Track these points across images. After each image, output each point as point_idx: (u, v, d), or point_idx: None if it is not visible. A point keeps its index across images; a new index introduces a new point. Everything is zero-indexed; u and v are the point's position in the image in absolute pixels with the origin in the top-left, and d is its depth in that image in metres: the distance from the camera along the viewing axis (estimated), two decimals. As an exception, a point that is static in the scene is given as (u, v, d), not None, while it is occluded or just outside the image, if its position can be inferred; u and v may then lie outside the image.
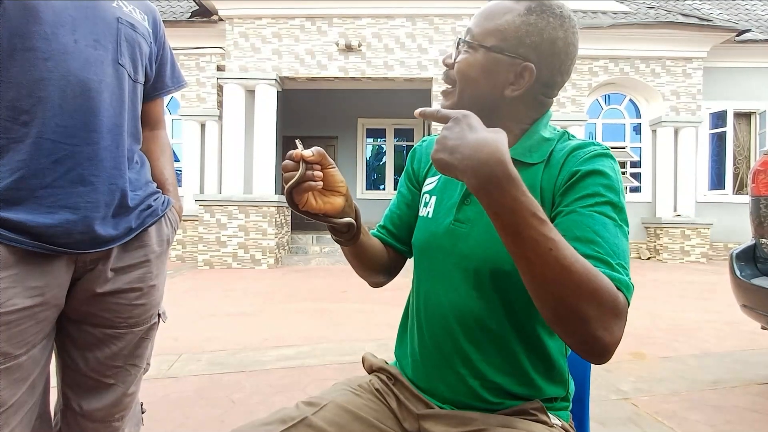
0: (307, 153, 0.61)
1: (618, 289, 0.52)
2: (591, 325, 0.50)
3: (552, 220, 0.61)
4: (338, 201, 0.67)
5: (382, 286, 0.87)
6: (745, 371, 2.39)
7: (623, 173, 7.96)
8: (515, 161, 0.69)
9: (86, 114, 0.79)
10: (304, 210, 0.65)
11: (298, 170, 0.61)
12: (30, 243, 0.75)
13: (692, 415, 1.88)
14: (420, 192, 0.84)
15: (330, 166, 0.65)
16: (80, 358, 0.89)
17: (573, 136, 0.72)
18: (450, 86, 0.72)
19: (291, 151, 0.62)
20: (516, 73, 0.67)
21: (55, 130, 0.76)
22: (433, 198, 0.78)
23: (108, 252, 0.86)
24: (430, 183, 0.81)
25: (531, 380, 0.69)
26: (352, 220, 0.69)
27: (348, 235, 0.71)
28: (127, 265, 0.89)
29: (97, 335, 0.89)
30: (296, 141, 0.64)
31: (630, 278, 0.56)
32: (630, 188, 8.07)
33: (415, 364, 0.76)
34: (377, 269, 0.82)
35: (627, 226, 0.61)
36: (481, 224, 0.69)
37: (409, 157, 0.90)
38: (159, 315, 1.00)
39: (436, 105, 6.33)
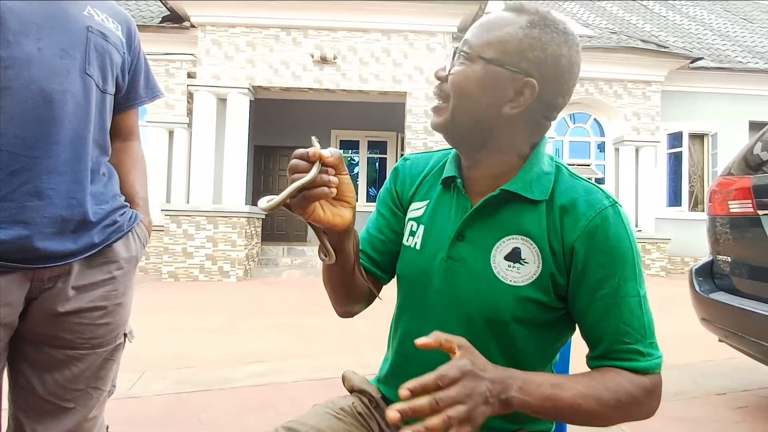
0: (326, 153, 0.53)
1: (652, 371, 0.61)
2: (635, 417, 0.62)
3: (574, 296, 0.64)
4: (347, 214, 0.59)
5: (352, 317, 0.79)
6: (705, 382, 2.49)
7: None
8: (517, 195, 0.64)
9: (47, 125, 0.75)
10: (309, 220, 0.56)
11: (309, 171, 0.53)
12: None
13: (655, 425, 1.92)
14: (404, 216, 0.77)
15: (344, 173, 0.57)
16: (37, 380, 0.83)
17: (566, 168, 0.69)
18: (442, 102, 0.66)
19: (302, 150, 0.54)
20: (516, 89, 0.62)
21: (13, 141, 0.72)
22: (421, 227, 0.72)
23: (68, 269, 0.81)
24: (416, 209, 0.75)
25: (521, 418, 0.69)
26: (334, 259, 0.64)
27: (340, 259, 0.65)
28: (90, 283, 0.85)
29: (58, 356, 0.83)
30: (312, 138, 0.56)
31: (658, 349, 0.63)
32: (594, 204, 8.35)
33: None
34: (356, 295, 0.74)
35: (643, 279, 0.65)
36: (476, 267, 0.66)
37: (391, 176, 0.81)
38: (125, 335, 0.96)
39: (410, 119, 6.34)
